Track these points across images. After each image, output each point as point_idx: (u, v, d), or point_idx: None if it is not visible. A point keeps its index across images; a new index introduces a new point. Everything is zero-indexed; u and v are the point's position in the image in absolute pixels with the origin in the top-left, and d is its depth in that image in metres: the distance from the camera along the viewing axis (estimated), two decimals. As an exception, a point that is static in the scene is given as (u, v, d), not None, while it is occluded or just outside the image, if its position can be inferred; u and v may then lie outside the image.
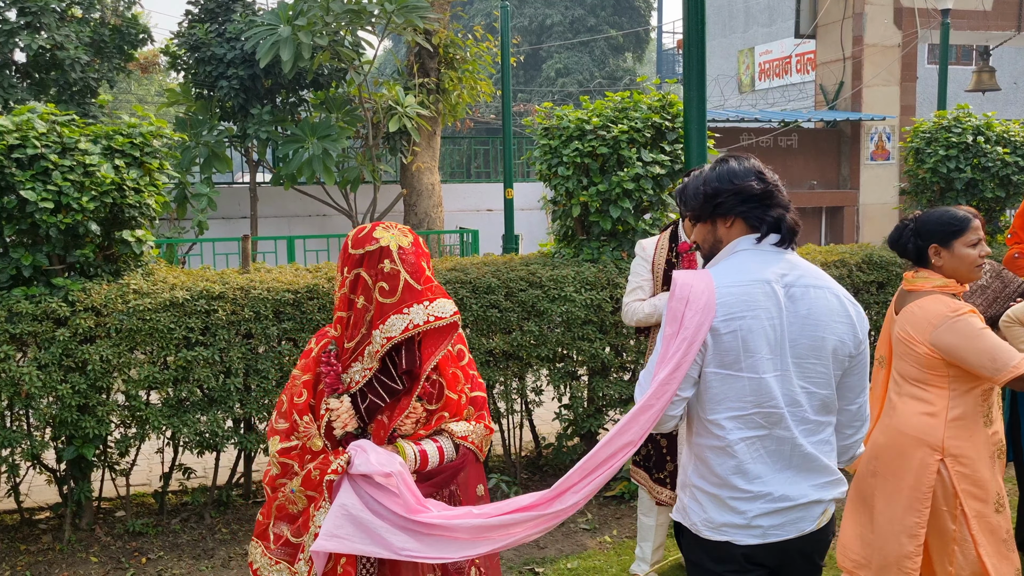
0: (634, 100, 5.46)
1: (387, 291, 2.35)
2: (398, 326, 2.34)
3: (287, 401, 2.45)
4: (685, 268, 3.84)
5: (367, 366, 2.40)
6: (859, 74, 14.93)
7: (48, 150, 4.21)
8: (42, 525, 4.80)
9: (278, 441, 2.43)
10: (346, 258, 2.40)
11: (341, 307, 2.41)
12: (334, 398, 2.40)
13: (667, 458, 4.00)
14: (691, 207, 2.38)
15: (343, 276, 2.41)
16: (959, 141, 6.13)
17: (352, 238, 2.42)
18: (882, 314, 5.71)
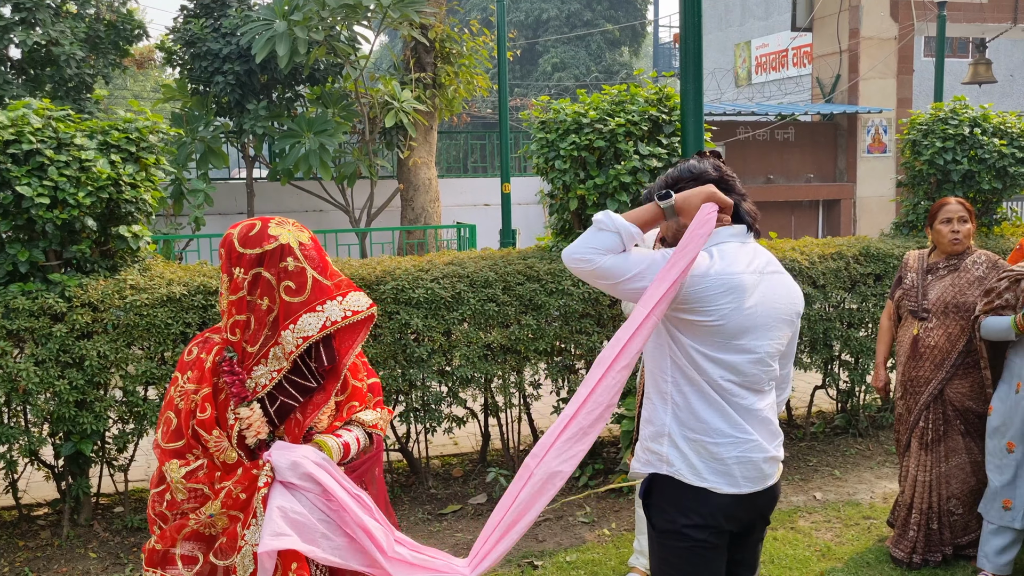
0: (631, 93, 5.45)
1: (294, 290, 2.28)
2: (314, 324, 2.29)
3: (178, 418, 2.29)
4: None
5: (275, 368, 2.32)
6: (855, 67, 14.92)
7: (44, 145, 4.19)
8: (40, 521, 4.79)
9: (179, 466, 2.28)
10: (237, 258, 2.27)
11: (237, 310, 2.29)
12: (244, 407, 2.30)
13: None
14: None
15: (235, 278, 2.28)
16: (956, 133, 6.13)
17: (241, 237, 2.29)
18: (880, 305, 5.72)
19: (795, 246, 5.72)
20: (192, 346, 2.37)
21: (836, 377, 5.96)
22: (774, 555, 4.28)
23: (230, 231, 2.32)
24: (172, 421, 2.30)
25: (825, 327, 5.62)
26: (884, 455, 5.72)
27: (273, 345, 2.30)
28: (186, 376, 2.32)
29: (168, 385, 2.37)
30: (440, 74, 11.96)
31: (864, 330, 5.85)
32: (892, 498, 4.92)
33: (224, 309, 2.31)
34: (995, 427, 3.89)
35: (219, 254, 2.35)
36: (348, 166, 11.51)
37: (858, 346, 5.77)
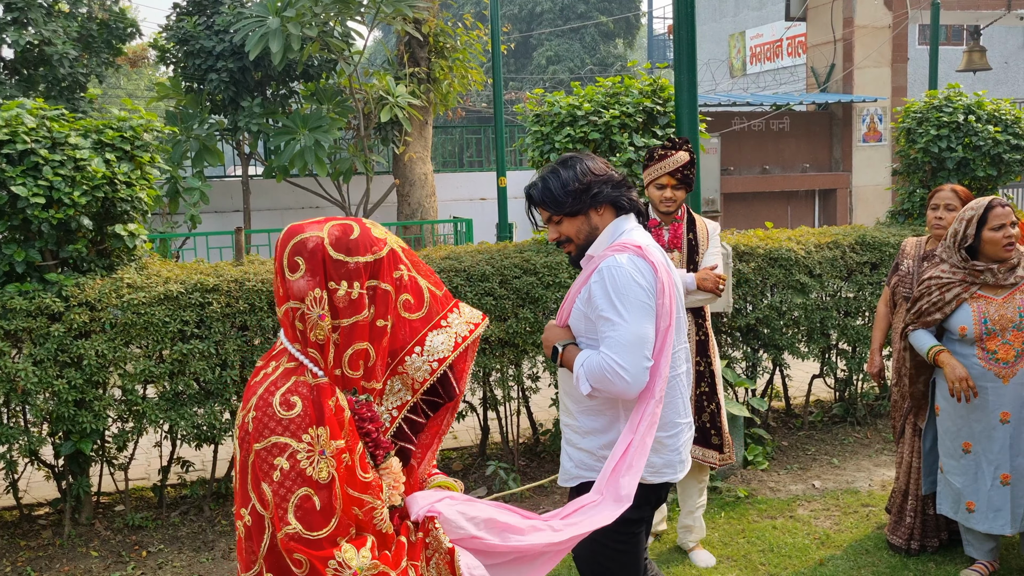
0: (625, 85, 5.45)
1: (412, 304, 1.88)
2: (446, 344, 1.90)
3: (322, 492, 1.72)
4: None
5: (394, 404, 1.91)
6: (850, 56, 14.92)
7: (38, 145, 4.19)
8: (41, 521, 4.80)
9: (357, 551, 1.75)
10: (339, 269, 1.78)
11: (358, 336, 1.79)
12: (389, 458, 1.88)
13: None
14: (567, 206, 2.59)
15: (342, 295, 1.77)
16: (950, 120, 6.13)
17: (339, 242, 1.80)
18: (876, 294, 5.74)
19: (791, 236, 5.73)
20: (287, 396, 1.74)
21: (834, 366, 5.97)
22: (773, 544, 4.30)
23: (309, 236, 1.80)
24: (313, 499, 1.71)
25: (822, 316, 5.64)
26: (882, 443, 5.74)
27: (390, 376, 1.89)
28: (317, 434, 1.72)
29: (263, 458, 1.73)
30: (434, 68, 11.95)
31: (861, 319, 5.87)
32: (890, 485, 4.94)
33: (322, 339, 1.77)
34: (946, 427, 3.79)
35: (286, 265, 1.79)
36: (343, 162, 11.50)
37: (855, 335, 5.79)
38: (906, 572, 3.97)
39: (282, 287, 1.80)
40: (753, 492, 4.97)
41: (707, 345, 4.14)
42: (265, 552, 1.78)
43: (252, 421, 1.74)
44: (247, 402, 1.79)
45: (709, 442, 4.17)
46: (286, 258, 1.79)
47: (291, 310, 1.79)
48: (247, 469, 1.77)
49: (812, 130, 15.60)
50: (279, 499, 1.71)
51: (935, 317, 3.69)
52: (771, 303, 5.48)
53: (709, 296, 4.05)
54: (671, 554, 4.29)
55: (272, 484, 1.71)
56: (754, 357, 5.59)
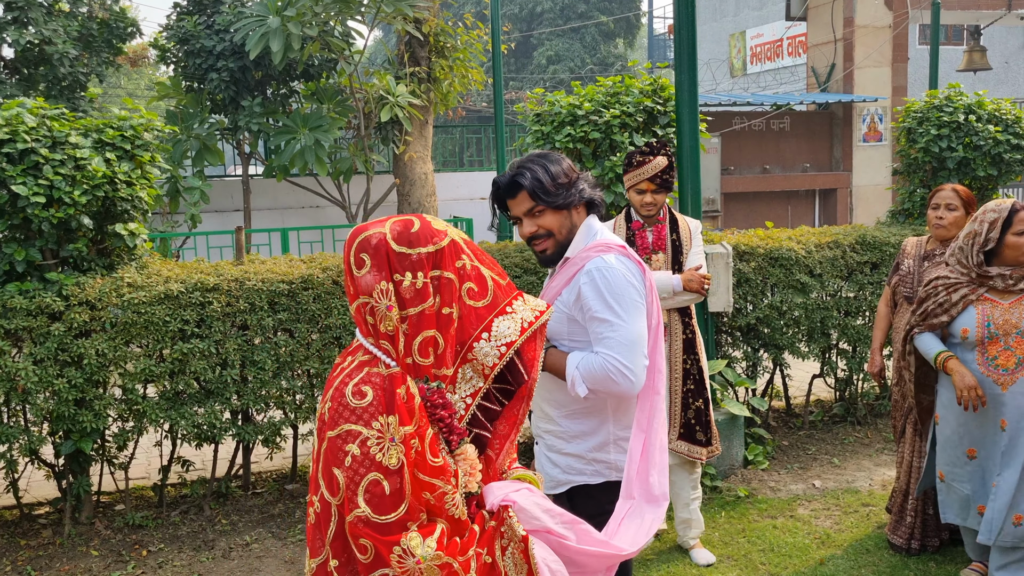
0: (625, 85, 5.45)
1: (476, 292, 1.93)
2: (513, 328, 1.94)
3: (392, 478, 1.76)
4: (640, 246, 4.15)
5: (468, 392, 1.95)
6: (850, 56, 14.92)
7: (38, 144, 4.19)
8: (42, 520, 4.80)
9: (423, 539, 1.77)
10: (402, 261, 1.84)
11: (425, 324, 1.84)
12: (464, 444, 1.91)
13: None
14: (559, 198, 2.55)
15: (408, 286, 1.83)
16: (951, 120, 6.13)
17: (400, 236, 1.86)
18: (877, 293, 5.74)
19: (792, 235, 5.72)
20: (359, 386, 1.80)
21: (834, 366, 5.97)
22: (774, 543, 4.30)
23: (372, 233, 1.86)
24: (383, 484, 1.75)
25: (822, 316, 5.64)
26: (883, 442, 5.74)
27: (462, 363, 1.94)
28: (387, 422, 1.77)
29: (336, 445, 1.77)
30: (435, 68, 11.93)
31: (861, 318, 5.87)
32: (891, 485, 4.94)
33: (392, 329, 1.83)
34: (947, 436, 3.69)
35: (353, 263, 1.86)
36: (344, 162, 11.49)
37: (855, 334, 5.78)
38: (907, 572, 3.97)
39: (351, 285, 1.87)
40: (753, 492, 4.97)
41: (694, 343, 4.19)
42: (332, 538, 1.82)
43: (328, 411, 1.82)
44: (325, 394, 1.87)
45: (695, 438, 4.18)
46: (352, 256, 1.86)
47: (361, 305, 1.86)
48: (320, 458, 1.83)
49: (812, 130, 15.60)
50: (350, 483, 1.76)
51: (941, 319, 3.61)
52: (771, 303, 5.48)
53: (695, 296, 4.12)
54: (671, 553, 4.29)
55: (343, 469, 1.77)
56: (754, 357, 5.59)
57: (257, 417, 4.88)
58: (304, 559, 4.29)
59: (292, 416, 4.81)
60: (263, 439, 4.79)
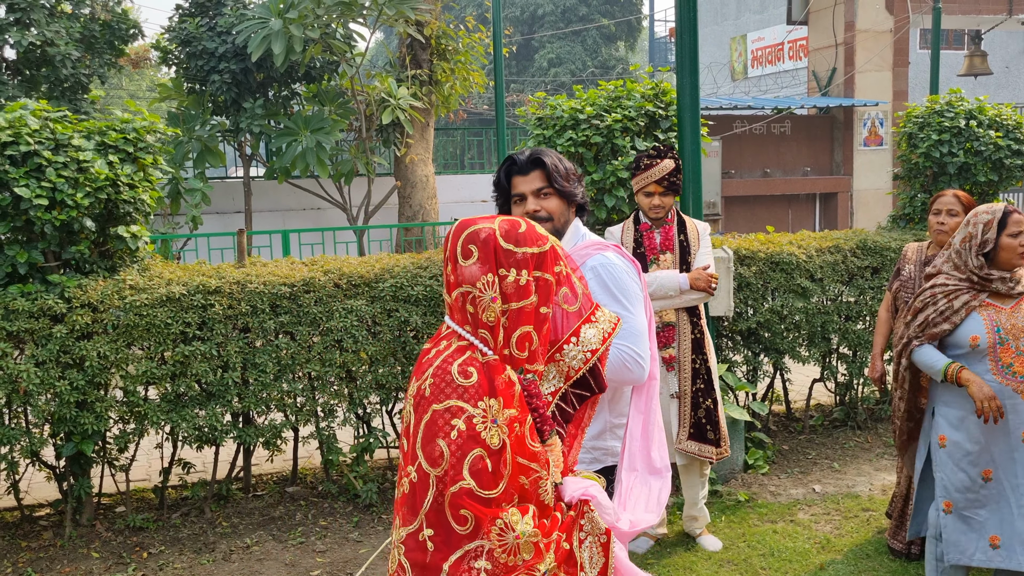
0: (627, 88, 5.46)
1: (569, 298, 2.05)
2: (597, 337, 2.06)
3: (495, 457, 1.81)
4: (648, 246, 4.22)
5: (549, 390, 2.06)
6: (851, 60, 14.93)
7: (41, 147, 4.20)
8: (43, 522, 4.80)
9: (522, 516, 1.85)
10: (508, 257, 1.91)
11: (524, 320, 1.92)
12: (553, 435, 1.99)
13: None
14: (571, 185, 2.68)
15: (511, 280, 1.90)
16: (952, 125, 6.14)
17: (508, 234, 1.93)
18: (877, 298, 5.74)
19: (792, 240, 5.73)
20: (464, 366, 1.87)
21: (834, 370, 5.98)
22: (774, 548, 4.30)
23: (481, 227, 1.93)
24: (486, 461, 1.81)
25: (823, 320, 5.64)
26: (883, 447, 5.74)
27: (548, 362, 2.04)
28: (490, 404, 1.84)
29: (443, 417, 1.83)
30: (436, 71, 11.96)
31: (862, 323, 5.87)
32: (891, 490, 4.94)
33: (493, 320, 1.90)
34: (958, 459, 3.39)
35: (460, 252, 1.93)
36: (345, 164, 11.51)
37: (856, 339, 5.79)
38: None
39: (453, 274, 1.94)
40: (754, 496, 4.98)
41: (703, 343, 4.25)
42: (428, 508, 1.84)
43: (430, 387, 1.87)
44: (421, 373, 1.93)
45: (705, 437, 4.25)
46: (460, 247, 1.93)
47: (463, 294, 1.92)
48: (419, 430, 1.86)
49: (813, 134, 15.61)
50: (455, 456, 1.81)
51: (943, 328, 3.39)
52: (772, 307, 5.49)
53: (702, 295, 4.19)
54: (678, 539, 4.41)
55: (449, 442, 1.81)
56: (755, 361, 5.60)
57: (258, 419, 4.89)
58: (304, 560, 4.30)
59: (293, 419, 4.81)
60: (264, 441, 4.79)
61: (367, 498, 4.89)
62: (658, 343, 4.15)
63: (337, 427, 4.99)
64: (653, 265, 4.19)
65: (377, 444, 5.00)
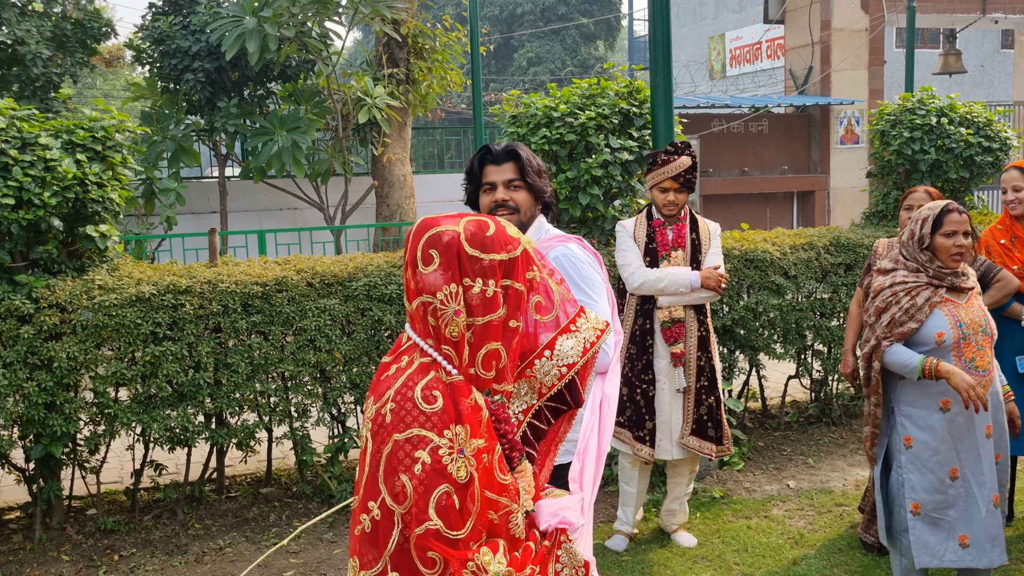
0: (601, 87, 5.46)
1: (543, 306, 1.85)
2: (575, 349, 1.86)
3: (461, 492, 1.68)
4: (660, 242, 4.21)
5: (520, 408, 1.89)
6: (827, 59, 15.03)
7: (7, 145, 4.14)
8: (12, 525, 4.74)
9: (495, 557, 1.71)
10: (474, 265, 1.74)
11: (492, 336, 1.75)
12: (523, 461, 1.86)
13: (646, 416, 4.23)
14: (540, 180, 2.73)
15: (478, 293, 1.73)
16: (923, 123, 6.19)
17: (475, 238, 1.75)
18: (850, 295, 5.78)
19: (767, 237, 5.75)
20: (429, 390, 1.71)
21: (809, 367, 6.01)
22: (747, 543, 4.32)
23: (444, 229, 1.76)
24: (453, 498, 1.66)
25: (797, 317, 5.67)
26: (857, 443, 5.78)
27: (518, 378, 1.87)
28: (456, 432, 1.68)
29: (404, 449, 1.67)
30: (413, 70, 11.92)
31: (836, 320, 5.91)
32: (864, 485, 4.97)
33: (457, 336, 1.74)
34: (925, 460, 3.34)
35: (420, 257, 1.76)
36: (322, 163, 11.44)
37: (830, 335, 5.82)
38: (878, 571, 3.99)
39: (413, 280, 1.77)
40: (728, 493, 4.99)
41: (708, 341, 4.29)
42: (393, 549, 1.69)
43: (390, 412, 1.70)
44: (380, 395, 1.76)
45: (706, 434, 4.28)
46: (420, 251, 1.76)
47: (424, 304, 1.76)
48: (379, 460, 1.70)
49: (790, 132, 15.70)
50: (419, 494, 1.65)
51: (911, 326, 3.31)
52: (747, 304, 5.51)
53: (711, 294, 4.22)
54: (654, 536, 4.44)
55: (413, 477, 1.66)
56: (730, 358, 5.62)
57: (231, 420, 4.85)
58: (278, 561, 4.26)
59: (266, 419, 4.78)
60: (237, 442, 4.75)
61: (341, 498, 4.86)
62: (666, 339, 4.18)
63: (311, 427, 4.96)
64: (664, 261, 4.19)
65: (352, 444, 4.98)
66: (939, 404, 3.32)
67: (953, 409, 3.31)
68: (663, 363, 4.22)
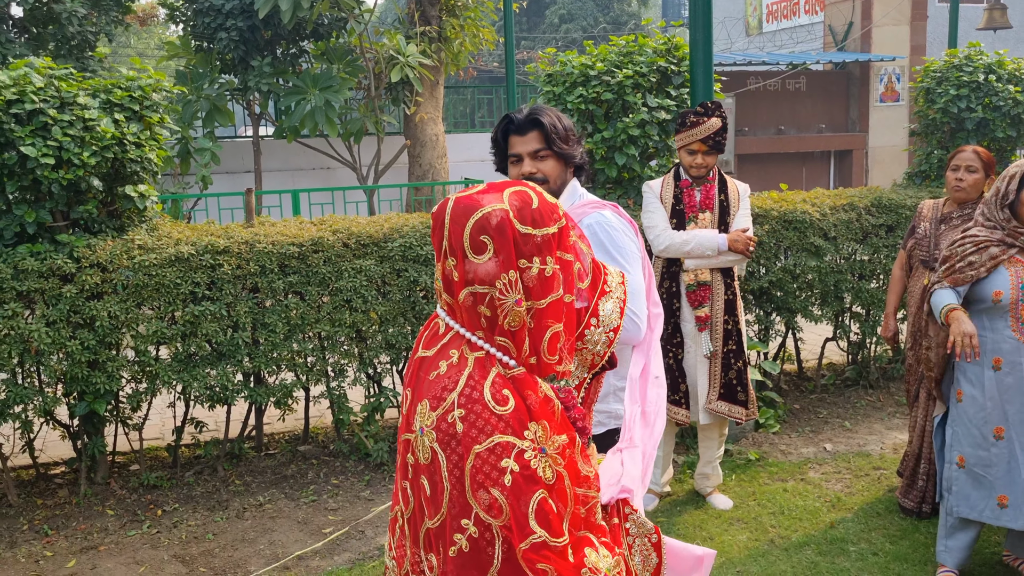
0: (639, 44, 5.36)
1: (582, 272, 1.72)
2: (615, 311, 1.73)
3: (555, 492, 1.56)
4: (687, 204, 4.15)
5: (574, 384, 1.76)
6: (868, 14, 14.65)
7: (46, 105, 4.16)
8: (58, 480, 4.85)
9: (602, 555, 1.62)
10: (526, 243, 1.57)
11: (554, 317, 1.59)
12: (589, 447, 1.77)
13: (679, 379, 4.22)
14: (570, 145, 2.59)
15: (536, 273, 1.57)
16: (970, 80, 6.02)
17: (524, 213, 1.57)
18: (892, 257, 5.68)
19: (806, 198, 5.66)
20: (497, 390, 1.55)
21: (847, 329, 5.94)
22: (784, 506, 4.30)
23: (492, 210, 1.56)
24: (549, 503, 1.54)
25: (836, 279, 5.59)
26: (895, 406, 5.72)
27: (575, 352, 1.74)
28: (535, 431, 1.54)
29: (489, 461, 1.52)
30: (445, 27, 11.80)
31: (876, 281, 5.82)
32: (902, 449, 4.93)
33: (517, 325, 1.57)
34: (971, 415, 3.37)
35: (469, 246, 1.56)
36: (354, 123, 11.42)
37: (869, 297, 5.74)
38: (917, 535, 3.97)
39: (460, 270, 1.57)
40: (764, 455, 4.98)
41: (735, 304, 4.24)
42: (499, 566, 1.54)
43: (461, 421, 1.53)
44: (438, 398, 1.58)
45: (735, 398, 4.26)
46: (468, 238, 1.56)
47: (476, 295, 1.56)
48: (462, 477, 1.53)
49: (828, 90, 15.38)
50: (516, 506, 1.51)
51: (968, 275, 3.32)
52: (785, 266, 5.44)
53: (739, 257, 4.17)
54: (688, 497, 4.45)
55: (504, 490, 1.51)
56: (767, 320, 5.56)
57: (269, 379, 4.90)
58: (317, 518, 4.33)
59: (304, 378, 4.82)
60: (275, 401, 4.81)
61: (378, 457, 4.91)
62: (691, 302, 4.14)
63: (348, 387, 5.00)
64: (691, 223, 4.13)
65: (388, 403, 5.01)
66: (991, 361, 3.31)
67: (1004, 368, 3.29)
68: (689, 327, 4.19)
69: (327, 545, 4.11)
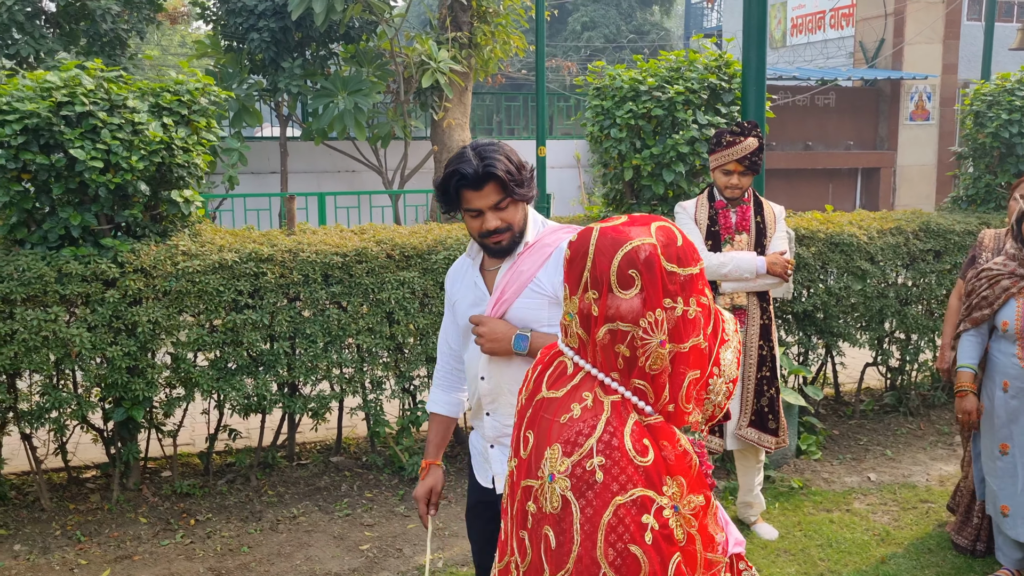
0: (690, 59, 5.28)
1: (708, 317, 1.60)
2: (732, 361, 1.61)
3: (696, 560, 1.49)
4: (723, 225, 4.06)
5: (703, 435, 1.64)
6: (901, 31, 14.53)
7: (96, 107, 4.11)
8: (89, 484, 4.79)
9: None
10: (672, 281, 1.49)
11: (694, 362, 1.51)
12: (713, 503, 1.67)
13: None
14: (528, 189, 2.37)
15: (680, 315, 1.49)
16: (1022, 105, 5.91)
17: (670, 249, 1.50)
18: (940, 284, 5.58)
19: (852, 220, 5.56)
20: (638, 438, 1.46)
21: (888, 354, 5.83)
22: (832, 538, 4.20)
23: (640, 243, 1.49)
24: (684, 569, 1.46)
25: (881, 304, 5.48)
26: (936, 435, 5.61)
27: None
28: (672, 488, 1.46)
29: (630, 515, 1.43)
30: (476, 33, 11.73)
31: (921, 306, 5.71)
32: (948, 481, 4.82)
33: (659, 368, 1.48)
34: (987, 427, 3.68)
35: (616, 281, 1.48)
36: (382, 126, 11.37)
37: (912, 323, 5.63)
38: (972, 574, 3.86)
39: (599, 305, 1.49)
40: (807, 483, 4.88)
41: (770, 329, 4.13)
42: None
43: (600, 469, 1.44)
44: (571, 443, 1.48)
45: (766, 426, 4.15)
46: (616, 272, 1.47)
47: (617, 333, 1.48)
48: (595, 530, 1.43)
49: (858, 106, 15.26)
50: (657, 567, 1.41)
51: (984, 312, 3.55)
52: (828, 288, 5.34)
53: (776, 280, 4.05)
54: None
55: (646, 548, 1.41)
56: (808, 343, 5.46)
57: (305, 389, 4.83)
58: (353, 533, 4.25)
59: (339, 390, 4.75)
60: (313, 410, 4.74)
61: (412, 471, 4.83)
62: None
63: (385, 399, 4.93)
64: (727, 245, 4.03)
65: (424, 418, 4.94)
66: (1001, 383, 3.58)
67: (1010, 391, 3.54)
68: None
69: (365, 563, 4.04)
